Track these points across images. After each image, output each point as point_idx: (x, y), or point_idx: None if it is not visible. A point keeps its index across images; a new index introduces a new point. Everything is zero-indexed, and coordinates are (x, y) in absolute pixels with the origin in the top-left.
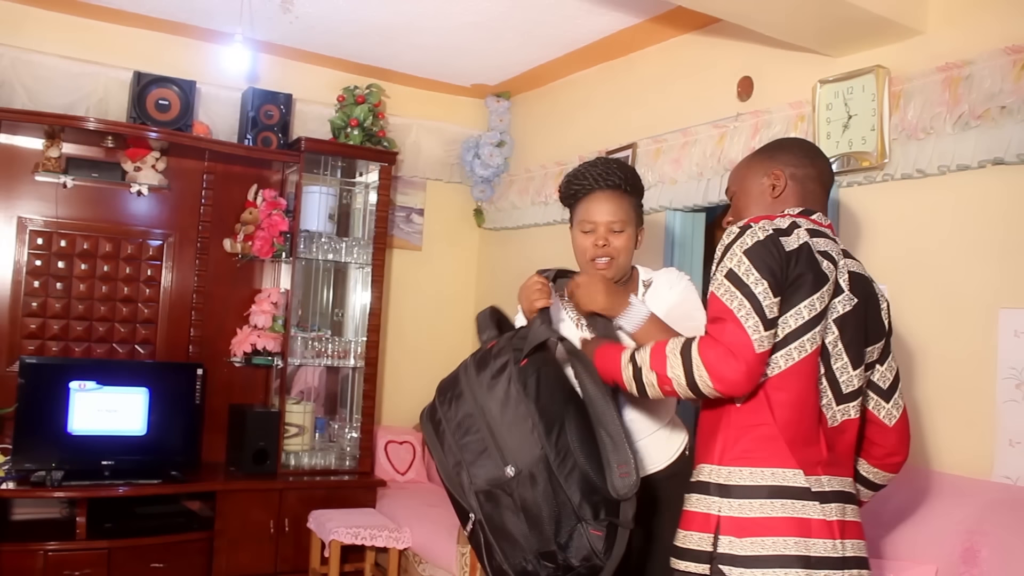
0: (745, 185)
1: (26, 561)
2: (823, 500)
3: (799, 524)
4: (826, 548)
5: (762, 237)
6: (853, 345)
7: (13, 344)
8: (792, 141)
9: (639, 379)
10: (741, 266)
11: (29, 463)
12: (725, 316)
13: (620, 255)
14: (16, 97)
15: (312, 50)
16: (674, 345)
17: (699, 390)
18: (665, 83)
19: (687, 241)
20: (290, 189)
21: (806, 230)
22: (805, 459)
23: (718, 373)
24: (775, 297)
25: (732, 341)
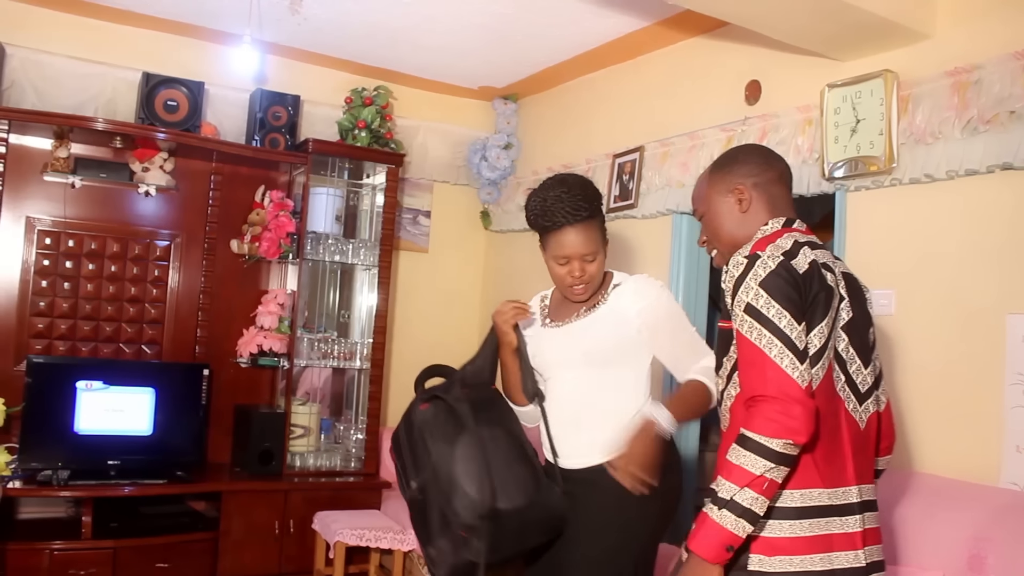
0: (712, 206)
1: (32, 560)
2: (846, 513)
3: (824, 541)
4: (848, 560)
5: (774, 266)
6: (861, 346)
7: (20, 343)
8: (743, 151)
9: (742, 510)
10: (760, 299)
11: (36, 462)
12: (760, 361)
13: (594, 279)
14: (26, 97)
15: (320, 52)
16: (733, 452)
17: (789, 456)
18: (673, 86)
19: (694, 245)
20: (297, 190)
21: (806, 244)
22: (830, 475)
23: (788, 429)
24: (800, 325)
25: (777, 386)
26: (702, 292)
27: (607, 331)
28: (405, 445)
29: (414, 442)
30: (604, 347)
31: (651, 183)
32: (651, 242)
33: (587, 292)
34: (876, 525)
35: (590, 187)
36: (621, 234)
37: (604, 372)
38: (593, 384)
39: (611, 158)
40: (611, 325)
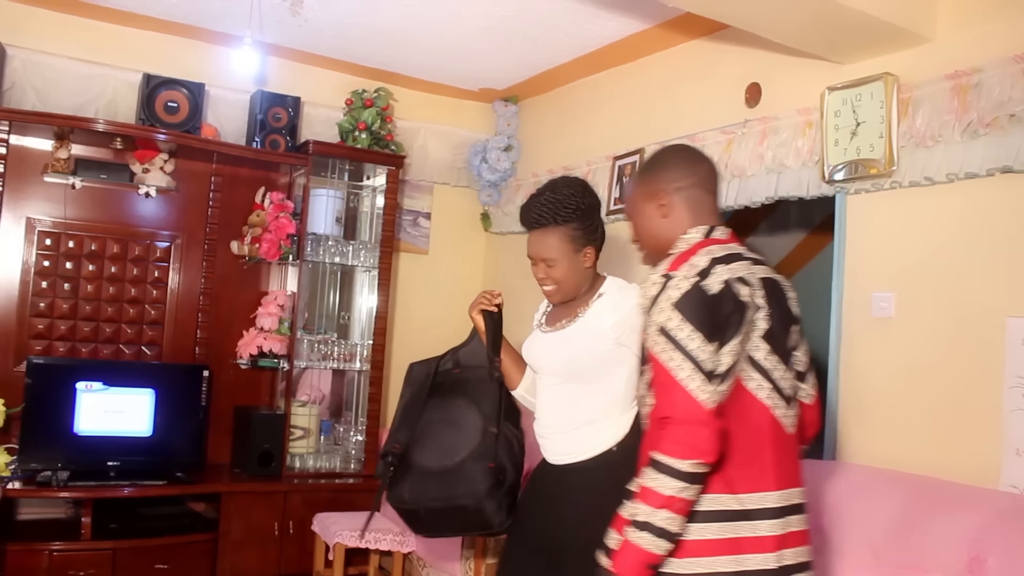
0: (638, 211)
1: (31, 561)
2: (759, 518)
3: (732, 543)
4: (759, 561)
5: (687, 288)
6: (781, 351)
7: (21, 344)
8: (669, 155)
9: (659, 530)
10: (672, 321)
11: (35, 463)
12: (669, 384)
13: (562, 283)
14: (26, 98)
15: (320, 53)
16: (646, 475)
17: (699, 476)
18: (673, 89)
19: None
20: (298, 192)
21: (722, 260)
22: (745, 481)
23: (696, 450)
24: (710, 345)
25: (684, 409)
26: None
27: (581, 346)
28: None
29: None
30: (576, 363)
31: None
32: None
33: (557, 295)
34: (802, 528)
35: (572, 196)
36: (621, 236)
37: (578, 387)
38: (569, 396)
39: (611, 160)
40: (586, 340)
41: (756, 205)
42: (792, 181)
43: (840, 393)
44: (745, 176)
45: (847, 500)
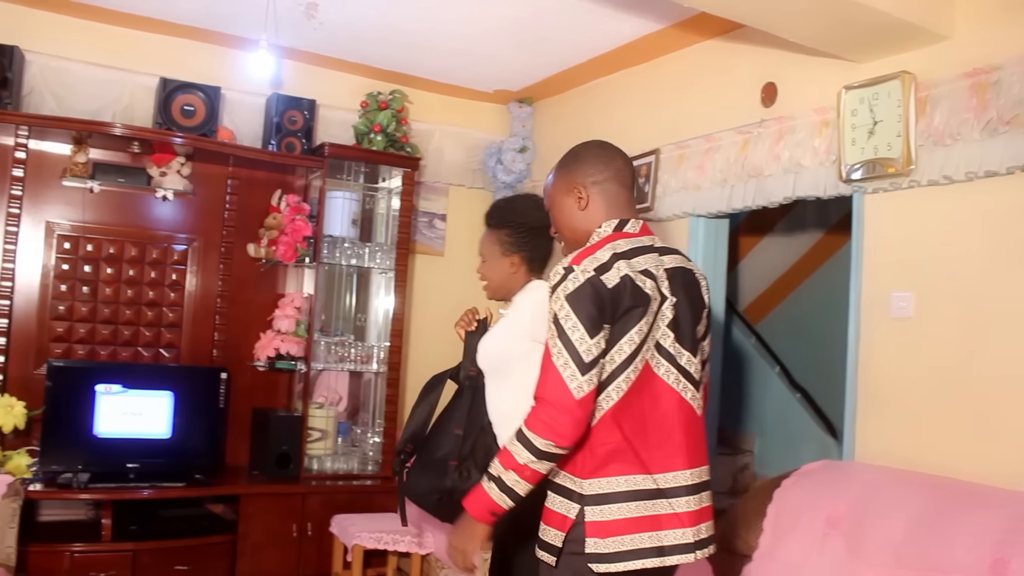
0: (556, 203)
1: (53, 562)
2: (674, 495)
3: (651, 521)
4: (676, 537)
5: (583, 281)
6: (688, 338)
7: (41, 347)
8: (586, 149)
9: (506, 487)
10: (562, 311)
11: (56, 465)
12: (548, 367)
13: (488, 279)
14: (45, 103)
15: (336, 56)
16: (510, 440)
17: (551, 454)
18: (688, 89)
19: (711, 248)
20: (314, 194)
21: (624, 256)
22: (659, 461)
23: (553, 432)
24: (592, 339)
25: (554, 394)
26: (719, 295)
27: (496, 341)
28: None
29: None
30: (491, 357)
31: (667, 186)
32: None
33: (487, 291)
34: (710, 503)
35: (516, 209)
36: None
37: (498, 380)
38: (493, 388)
39: None
40: (501, 335)
41: (774, 205)
42: (809, 181)
43: (858, 393)
44: (762, 176)
45: (866, 501)
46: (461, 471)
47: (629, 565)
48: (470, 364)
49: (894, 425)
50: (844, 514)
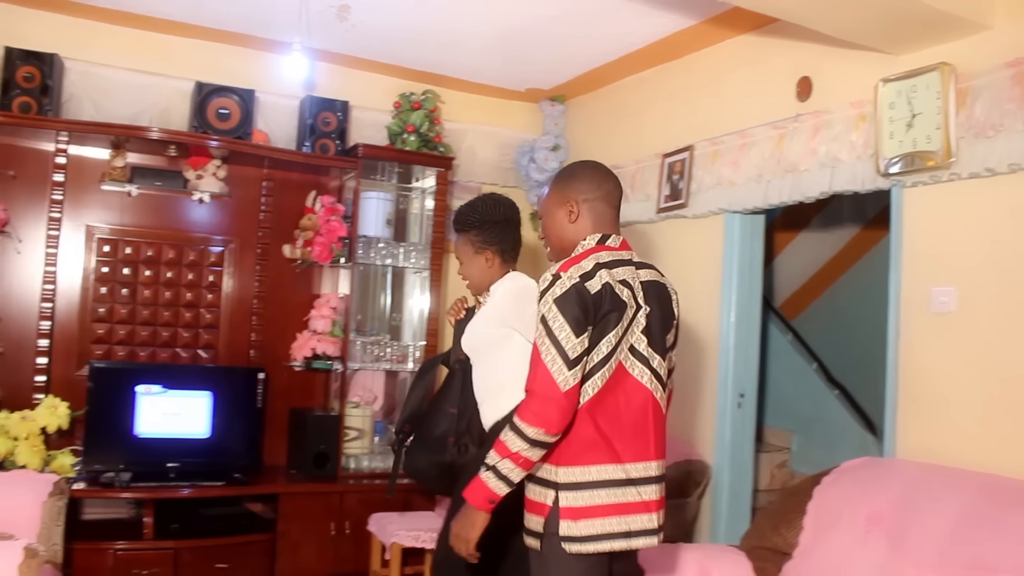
0: (549, 213)
1: (97, 560)
2: (643, 484)
3: (621, 507)
4: (643, 522)
5: (569, 287)
6: (658, 344)
7: (83, 349)
8: (582, 169)
9: (501, 475)
10: (551, 313)
11: (98, 464)
12: (537, 363)
13: (469, 278)
14: (84, 109)
15: (368, 57)
16: (504, 431)
17: (541, 442)
18: (722, 85)
19: (747, 244)
20: (348, 195)
21: (605, 266)
22: (632, 452)
23: (542, 421)
24: (577, 338)
25: (542, 386)
26: (755, 291)
27: (474, 329)
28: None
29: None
30: (474, 340)
31: (701, 182)
32: (702, 242)
33: (470, 288)
34: (665, 494)
35: (481, 211)
36: (671, 235)
37: (479, 364)
38: (477, 371)
39: (660, 158)
40: (479, 322)
41: (810, 200)
42: (846, 175)
43: (899, 389)
44: (798, 171)
45: (909, 498)
46: (459, 446)
47: (599, 546)
48: (459, 349)
49: (936, 421)
50: (886, 512)
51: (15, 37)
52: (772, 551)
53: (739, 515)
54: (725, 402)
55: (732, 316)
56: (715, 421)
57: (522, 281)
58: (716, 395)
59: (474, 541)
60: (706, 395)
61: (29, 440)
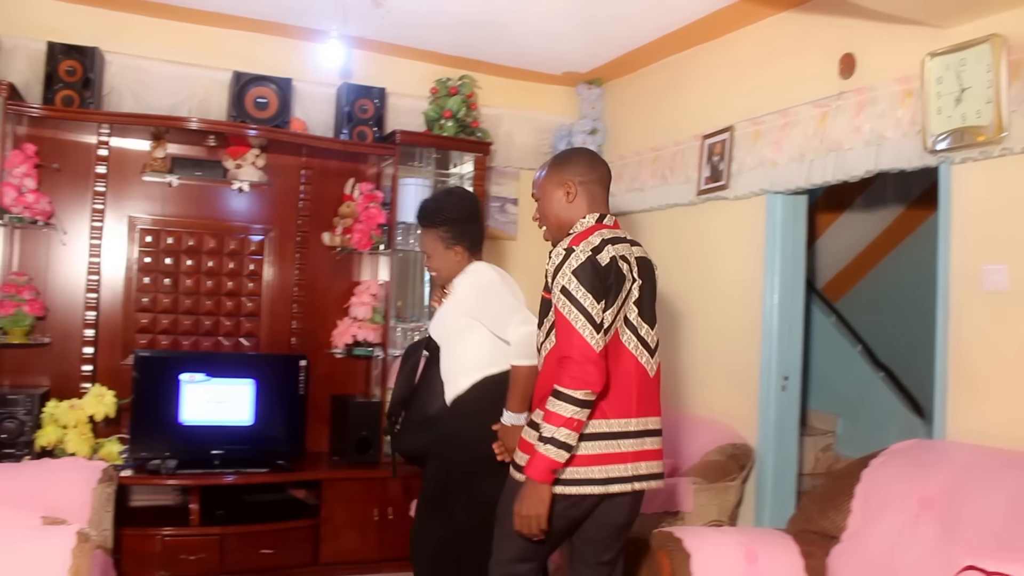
0: (546, 194)
1: (145, 545)
2: (622, 438)
3: (603, 457)
4: (620, 471)
5: (583, 259)
6: (648, 314)
7: (127, 339)
8: (577, 154)
9: (560, 443)
10: (571, 284)
11: (145, 452)
12: (568, 331)
13: (437, 271)
14: (124, 102)
15: (404, 44)
16: (551, 402)
17: (588, 401)
18: (762, 63)
19: (789, 225)
20: (386, 182)
21: (610, 241)
22: (616, 410)
23: (586, 382)
24: (599, 304)
25: (579, 351)
26: (798, 273)
27: (441, 316)
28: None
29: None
30: (441, 327)
31: (743, 163)
32: (744, 223)
33: (438, 280)
34: (656, 447)
35: (446, 208)
36: (712, 217)
37: (446, 348)
38: (443, 355)
39: (700, 139)
40: (445, 311)
41: (855, 179)
42: (892, 153)
43: (949, 370)
44: (841, 150)
45: (961, 481)
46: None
47: (581, 489)
48: None
49: (988, 402)
50: (938, 495)
51: (57, 32)
52: (820, 535)
53: (784, 499)
54: (769, 385)
55: (775, 298)
56: (758, 404)
57: (484, 274)
58: (759, 378)
59: (545, 516)
60: (749, 378)
61: (78, 428)
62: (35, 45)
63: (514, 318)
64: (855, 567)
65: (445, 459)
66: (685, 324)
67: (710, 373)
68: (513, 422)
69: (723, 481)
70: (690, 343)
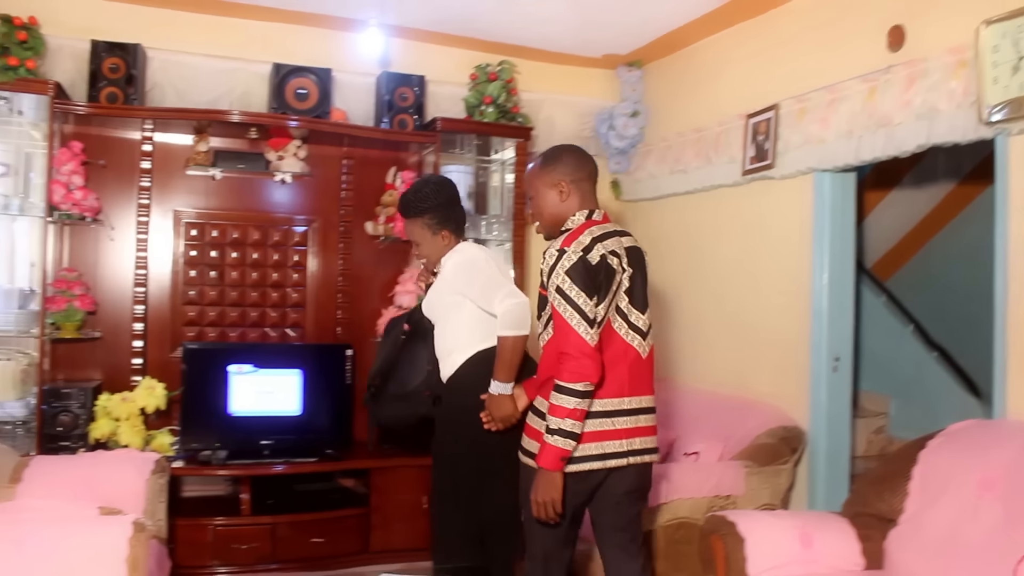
0: (539, 193)
1: (198, 535)
2: (616, 416)
3: (599, 435)
4: (615, 447)
5: (575, 260)
6: (639, 300)
7: (175, 331)
8: (565, 153)
9: (567, 433)
10: (565, 283)
11: (195, 443)
12: (565, 328)
13: (428, 256)
14: (167, 97)
15: (442, 31)
16: (555, 396)
17: (588, 392)
18: (807, 39)
19: (838, 203)
20: (428, 170)
21: (599, 239)
22: (608, 390)
23: (584, 376)
24: (591, 300)
25: (575, 347)
26: (848, 251)
27: (432, 295)
28: None
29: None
30: (431, 306)
31: (788, 142)
32: (791, 203)
33: (429, 264)
34: (650, 424)
35: (428, 195)
36: (758, 197)
37: (439, 325)
38: (437, 332)
39: (744, 119)
40: (435, 291)
41: (905, 155)
42: (945, 126)
43: (1008, 347)
44: (891, 125)
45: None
46: (434, 399)
47: (581, 466)
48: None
49: None
50: (1000, 476)
51: (100, 30)
52: (876, 517)
53: (837, 482)
54: (820, 366)
55: (825, 278)
56: (809, 386)
57: (468, 252)
58: (810, 359)
59: (559, 500)
60: (799, 359)
61: (130, 420)
62: (79, 44)
63: (499, 292)
64: (914, 550)
65: (452, 435)
66: (731, 307)
67: (759, 355)
68: (499, 391)
69: (775, 464)
70: (737, 326)
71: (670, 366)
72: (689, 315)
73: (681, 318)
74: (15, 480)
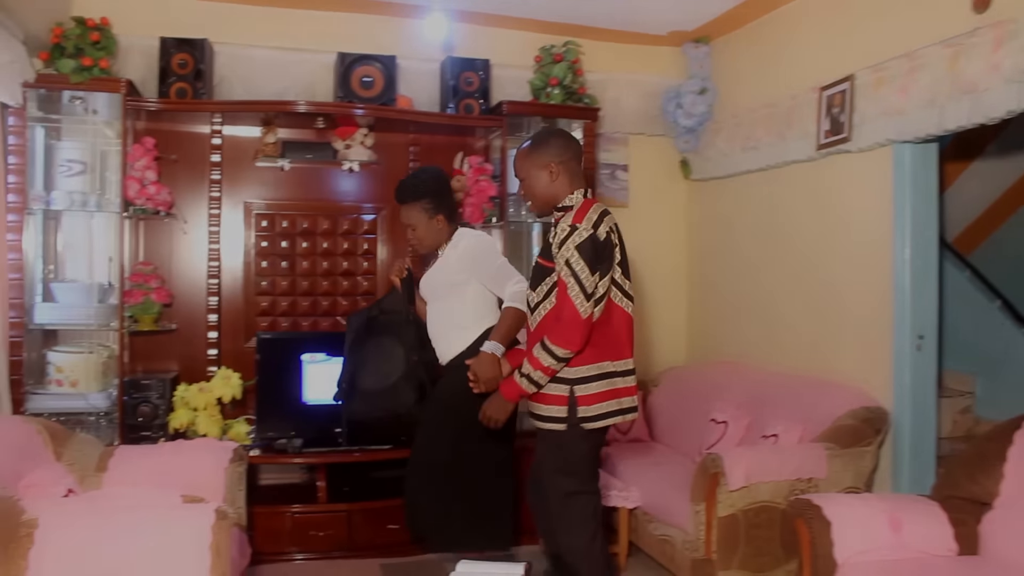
0: (530, 175)
1: (276, 522)
2: (626, 375)
3: (614, 392)
4: (628, 402)
5: (585, 236)
6: (626, 269)
7: (249, 322)
8: (552, 136)
9: (533, 381)
10: (572, 257)
11: (271, 432)
12: (563, 298)
13: (423, 240)
14: (234, 90)
15: (505, 13)
16: (537, 348)
17: (565, 358)
18: (883, 5)
19: (920, 174)
20: (495, 154)
21: (603, 215)
22: (616, 352)
23: (568, 342)
24: (593, 276)
25: (568, 316)
26: (931, 224)
27: (436, 275)
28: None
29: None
30: (434, 286)
31: (865, 113)
32: (869, 176)
33: (421, 248)
34: (635, 383)
35: (425, 181)
36: (834, 171)
37: (439, 303)
38: (435, 311)
39: (817, 91)
40: (440, 271)
41: (994, 121)
42: None
43: None
44: (977, 91)
45: None
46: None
47: (606, 422)
48: (411, 304)
49: None
50: None
51: (168, 27)
52: (969, 501)
53: (923, 464)
54: (903, 345)
55: (907, 252)
56: (892, 366)
57: (485, 237)
58: (892, 338)
59: (503, 421)
60: (881, 338)
61: (207, 410)
62: (148, 42)
63: (513, 277)
64: (1012, 535)
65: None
66: (809, 286)
67: (839, 335)
68: (492, 350)
69: (858, 446)
70: (816, 305)
71: (740, 348)
72: (763, 295)
73: (754, 299)
74: (101, 469)
